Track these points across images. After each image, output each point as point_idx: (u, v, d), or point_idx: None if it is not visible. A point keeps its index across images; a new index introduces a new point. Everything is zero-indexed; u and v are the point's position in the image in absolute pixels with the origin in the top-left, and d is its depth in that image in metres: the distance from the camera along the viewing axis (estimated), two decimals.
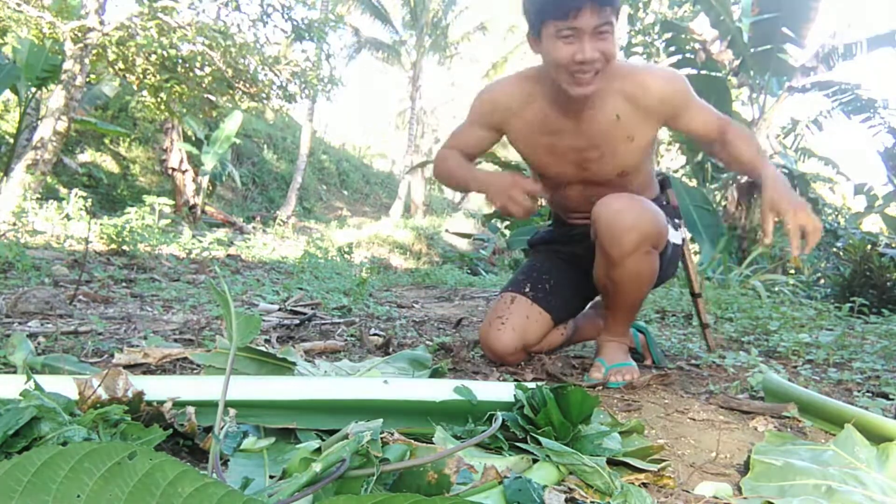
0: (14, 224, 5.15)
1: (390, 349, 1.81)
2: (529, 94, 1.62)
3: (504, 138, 1.71)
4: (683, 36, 8.52)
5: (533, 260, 1.89)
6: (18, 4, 6.68)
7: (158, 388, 1.01)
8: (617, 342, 1.66)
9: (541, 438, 0.96)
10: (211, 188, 13.09)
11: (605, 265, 1.57)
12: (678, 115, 1.59)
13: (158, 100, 7.99)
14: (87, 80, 7.94)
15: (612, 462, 0.96)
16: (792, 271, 6.10)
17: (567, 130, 1.59)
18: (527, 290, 1.75)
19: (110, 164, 12.38)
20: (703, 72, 8.35)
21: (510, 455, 0.96)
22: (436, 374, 1.45)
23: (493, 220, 8.89)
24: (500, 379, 1.57)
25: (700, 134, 1.60)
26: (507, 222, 8.04)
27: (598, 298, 1.87)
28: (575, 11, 1.37)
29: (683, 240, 1.82)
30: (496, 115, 1.67)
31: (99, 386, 0.95)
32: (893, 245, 4.44)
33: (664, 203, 1.80)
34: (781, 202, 1.40)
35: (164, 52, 7.22)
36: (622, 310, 1.64)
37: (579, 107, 1.54)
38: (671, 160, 15.80)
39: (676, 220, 1.79)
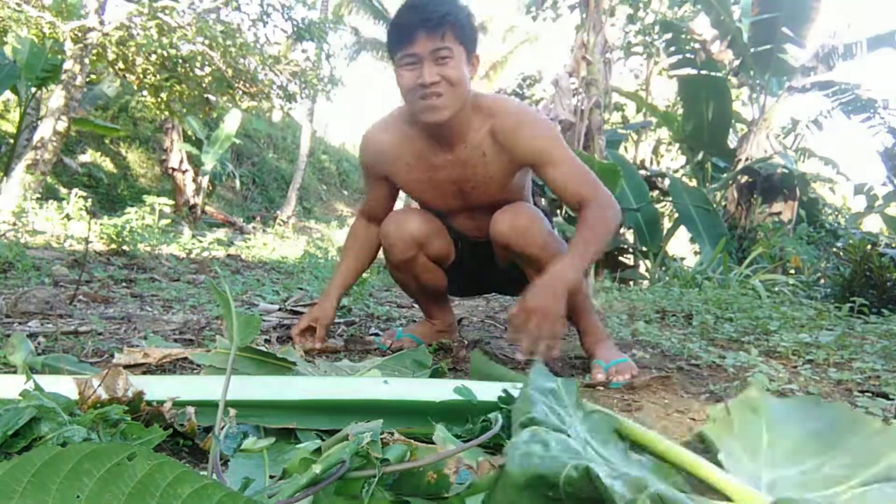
0: (14, 224, 5.15)
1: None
2: (404, 135, 1.68)
3: None
4: (683, 36, 8.52)
5: None
6: (18, 4, 6.68)
7: (158, 388, 1.01)
8: (603, 340, 1.68)
9: None
10: (211, 188, 13.09)
11: (537, 267, 1.57)
12: (541, 168, 1.60)
13: (158, 100, 7.99)
14: (87, 80, 7.94)
15: None
16: (792, 271, 6.10)
17: (443, 165, 1.64)
18: None
19: (110, 164, 12.38)
20: (703, 72, 8.36)
21: None
22: (436, 374, 1.45)
23: None
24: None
25: (558, 195, 1.60)
26: None
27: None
28: (409, 37, 1.45)
29: None
30: (378, 167, 1.76)
31: (99, 386, 0.95)
32: (893, 245, 4.45)
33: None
34: (525, 301, 1.37)
35: (164, 52, 7.23)
36: (580, 300, 1.64)
37: (452, 141, 1.60)
38: (671, 160, 15.81)
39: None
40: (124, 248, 4.38)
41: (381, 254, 1.93)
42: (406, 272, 1.83)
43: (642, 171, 9.04)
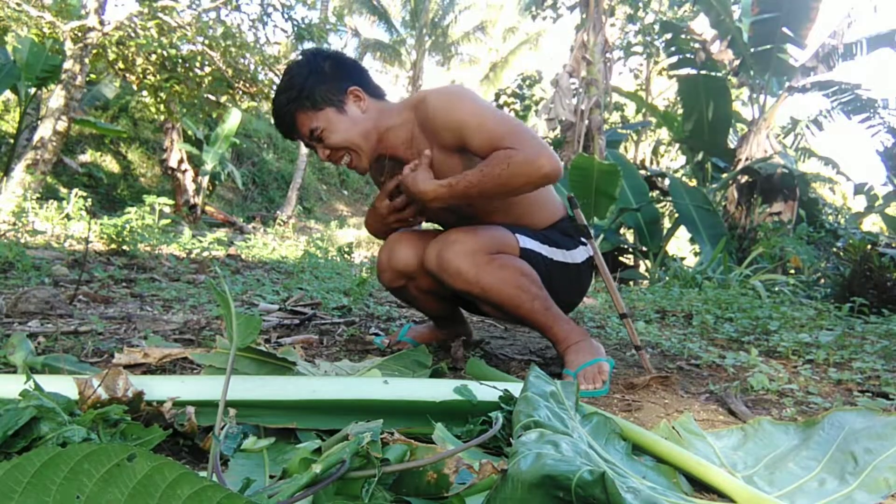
0: (14, 224, 5.15)
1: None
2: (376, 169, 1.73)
3: None
4: (683, 36, 8.52)
5: None
6: (18, 4, 6.68)
7: (158, 388, 1.01)
8: (573, 345, 1.55)
9: None
10: (211, 188, 13.10)
11: (477, 300, 1.54)
12: (466, 146, 1.48)
13: (158, 99, 7.99)
14: (87, 80, 7.94)
15: None
16: (792, 271, 6.10)
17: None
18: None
19: (110, 164, 12.38)
20: (703, 72, 8.36)
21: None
22: (436, 374, 1.45)
23: None
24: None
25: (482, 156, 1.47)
26: None
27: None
28: (290, 136, 1.60)
29: (591, 258, 1.73)
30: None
31: (99, 386, 0.94)
32: (893, 245, 4.45)
33: (566, 223, 1.74)
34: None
35: (164, 52, 7.23)
36: (537, 319, 1.54)
37: (400, 157, 1.60)
38: (671, 160, 15.81)
39: (580, 239, 1.73)
40: (124, 248, 4.38)
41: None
42: (400, 297, 1.83)
43: (642, 171, 9.05)
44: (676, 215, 8.05)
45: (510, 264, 1.51)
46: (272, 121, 1.65)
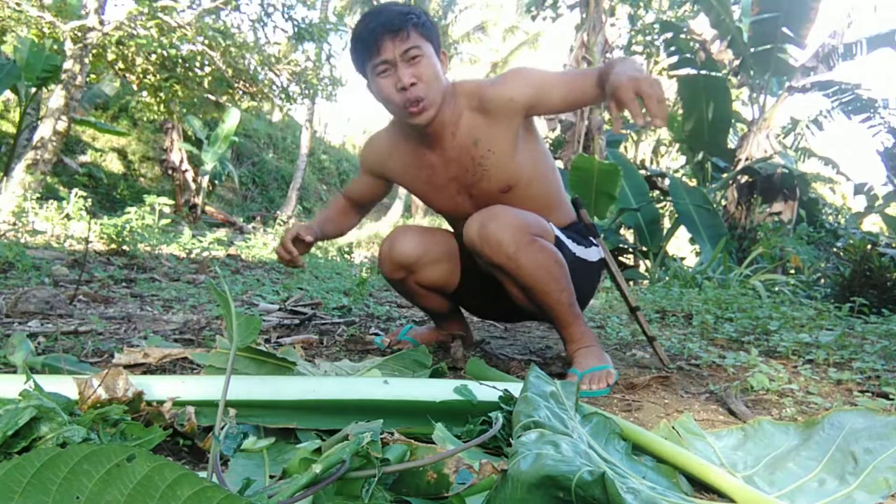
0: (14, 224, 5.15)
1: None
2: (399, 137, 1.68)
3: None
4: (683, 36, 8.52)
5: None
6: (18, 4, 6.68)
7: (158, 388, 1.01)
8: (585, 348, 1.57)
9: None
10: (211, 188, 13.10)
11: (509, 281, 1.53)
12: (540, 101, 1.52)
13: (158, 100, 7.99)
14: (87, 79, 7.94)
15: None
16: (792, 271, 6.09)
17: (438, 163, 1.62)
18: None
19: (111, 164, 12.38)
20: (703, 72, 8.35)
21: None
22: (436, 374, 1.45)
23: None
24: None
25: (568, 107, 1.53)
26: None
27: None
28: (376, 45, 1.44)
29: (602, 259, 1.77)
30: (371, 161, 1.77)
31: (99, 386, 0.94)
32: (893, 245, 4.45)
33: (579, 225, 1.77)
34: (622, 77, 1.28)
35: (164, 52, 7.23)
36: (560, 311, 1.55)
37: (441, 136, 1.57)
38: (671, 160, 15.81)
39: (591, 239, 1.76)
40: (124, 248, 4.38)
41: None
42: (399, 290, 1.83)
43: (642, 171, 9.05)
44: (676, 215, 8.05)
45: (549, 249, 1.52)
46: (352, 30, 1.50)
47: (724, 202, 8.87)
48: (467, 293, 1.82)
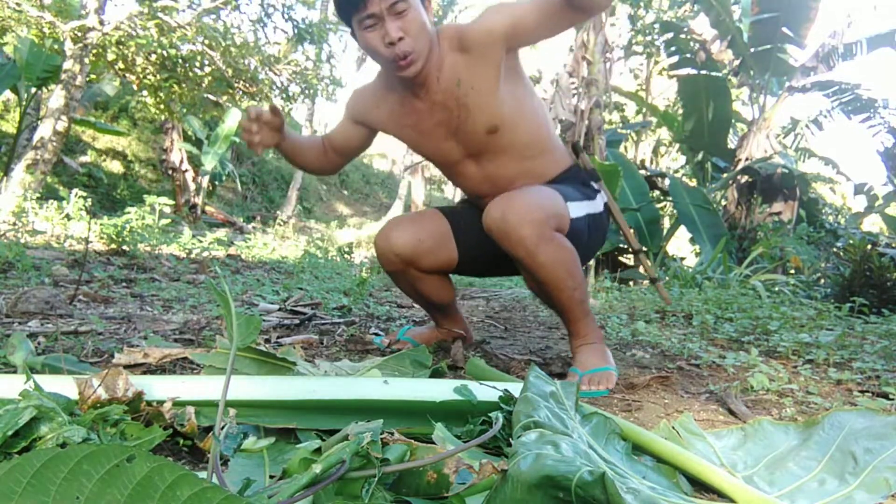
0: (14, 224, 5.15)
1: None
2: (384, 86, 1.67)
3: None
4: (683, 36, 8.52)
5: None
6: (18, 4, 6.68)
7: (158, 388, 1.01)
8: (589, 345, 1.57)
9: None
10: (211, 188, 13.10)
11: (525, 270, 1.54)
12: (517, 28, 1.48)
13: (158, 99, 7.99)
14: (87, 79, 7.94)
15: None
16: (792, 271, 6.09)
17: (424, 109, 1.60)
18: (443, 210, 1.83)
19: (111, 165, 12.38)
20: (703, 72, 8.36)
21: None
22: (436, 374, 1.45)
23: None
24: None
25: (547, 17, 1.46)
26: None
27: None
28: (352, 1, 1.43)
29: (605, 204, 1.76)
30: (357, 109, 1.74)
31: (99, 386, 0.94)
32: (893, 245, 4.45)
33: (577, 170, 1.75)
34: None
35: (164, 52, 7.23)
36: (571, 307, 1.56)
37: (426, 83, 1.55)
38: (671, 160, 15.81)
39: (593, 183, 1.73)
40: (124, 248, 4.39)
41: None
42: (399, 280, 1.83)
43: (642, 171, 9.04)
44: (676, 215, 8.05)
45: (567, 246, 1.52)
46: None
47: (724, 202, 8.87)
48: (466, 265, 1.83)
